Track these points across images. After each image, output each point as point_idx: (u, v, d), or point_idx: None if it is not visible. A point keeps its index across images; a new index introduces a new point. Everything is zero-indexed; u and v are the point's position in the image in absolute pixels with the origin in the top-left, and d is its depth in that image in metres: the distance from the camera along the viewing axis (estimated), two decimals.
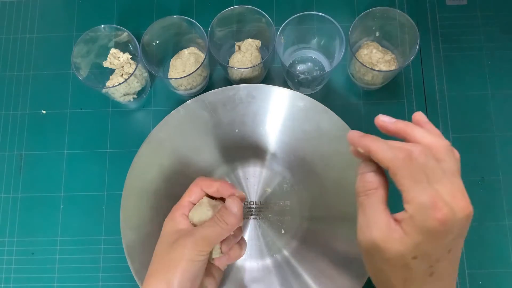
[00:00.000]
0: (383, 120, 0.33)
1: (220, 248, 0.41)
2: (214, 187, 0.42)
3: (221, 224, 0.39)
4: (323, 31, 0.53)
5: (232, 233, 0.41)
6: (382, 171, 0.32)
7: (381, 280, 0.33)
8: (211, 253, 0.41)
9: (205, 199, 0.42)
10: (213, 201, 0.43)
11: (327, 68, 0.55)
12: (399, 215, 0.31)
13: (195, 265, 0.37)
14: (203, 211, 0.41)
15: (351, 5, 0.59)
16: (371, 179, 0.33)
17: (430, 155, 0.31)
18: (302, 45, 0.56)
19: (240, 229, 0.44)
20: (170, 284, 0.36)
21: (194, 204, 0.42)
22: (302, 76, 0.51)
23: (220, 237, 0.39)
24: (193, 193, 0.42)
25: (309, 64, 0.56)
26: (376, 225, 0.31)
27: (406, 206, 0.30)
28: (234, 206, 0.39)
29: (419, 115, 0.34)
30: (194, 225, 0.41)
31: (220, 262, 0.43)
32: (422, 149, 0.31)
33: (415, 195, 0.30)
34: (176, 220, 0.41)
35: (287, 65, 0.52)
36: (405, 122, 0.33)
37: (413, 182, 0.30)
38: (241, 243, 0.44)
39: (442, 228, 0.29)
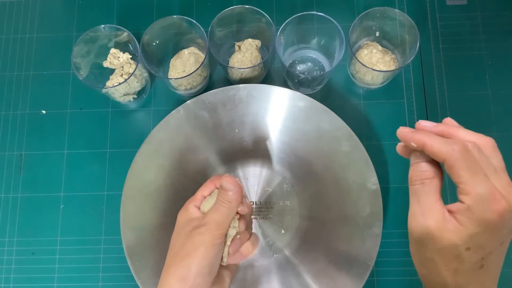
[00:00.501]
0: (424, 125, 0.34)
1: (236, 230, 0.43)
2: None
3: (224, 204, 0.41)
4: (323, 31, 0.53)
5: (241, 228, 0.42)
6: (436, 162, 0.32)
7: (430, 270, 0.33)
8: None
9: (216, 190, 0.44)
10: None
11: (327, 68, 0.55)
12: (453, 206, 0.31)
13: (213, 249, 0.39)
14: (213, 200, 0.42)
15: (351, 5, 0.59)
16: (427, 168, 0.33)
17: (481, 150, 0.31)
18: (302, 45, 0.56)
19: (251, 225, 0.45)
20: (189, 270, 0.38)
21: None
22: (302, 76, 0.51)
23: (229, 217, 0.41)
24: (207, 188, 0.44)
25: (309, 64, 0.56)
26: (431, 214, 0.31)
27: (463, 197, 0.30)
28: (228, 184, 0.41)
29: (450, 120, 0.35)
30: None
31: (233, 259, 0.43)
32: (474, 144, 0.31)
33: (474, 186, 0.30)
34: (189, 211, 0.42)
35: (287, 65, 0.52)
36: (445, 125, 0.34)
37: (471, 174, 0.30)
38: (253, 239, 0.44)
39: (499, 220, 0.29)
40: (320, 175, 0.51)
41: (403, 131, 0.34)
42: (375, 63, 0.52)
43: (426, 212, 0.31)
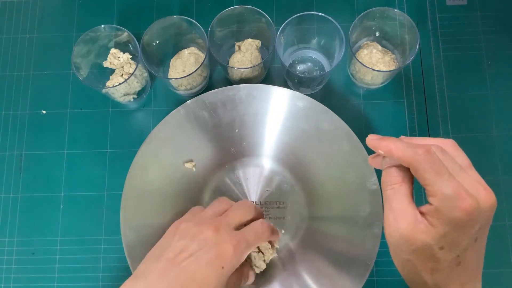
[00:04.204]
0: (372, 138, 0.34)
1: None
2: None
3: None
4: (323, 31, 0.53)
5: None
6: (406, 167, 0.33)
7: (409, 270, 0.34)
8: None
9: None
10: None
11: (327, 68, 0.55)
12: (424, 208, 0.32)
13: None
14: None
15: (351, 5, 0.59)
16: (396, 173, 0.33)
17: (445, 151, 0.32)
18: (302, 45, 0.56)
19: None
20: None
21: None
22: (302, 76, 0.51)
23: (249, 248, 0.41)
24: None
25: (309, 64, 0.56)
26: (403, 217, 0.32)
27: (430, 199, 0.31)
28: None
29: (402, 137, 0.35)
30: None
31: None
32: (437, 147, 0.32)
33: (439, 187, 0.30)
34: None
35: (287, 65, 0.52)
36: (393, 138, 0.34)
37: (436, 176, 0.31)
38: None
39: (467, 218, 0.30)
40: (320, 175, 0.51)
41: (371, 139, 0.34)
42: (375, 63, 0.52)
43: (398, 216, 0.32)
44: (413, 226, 0.32)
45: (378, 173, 0.49)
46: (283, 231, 0.51)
